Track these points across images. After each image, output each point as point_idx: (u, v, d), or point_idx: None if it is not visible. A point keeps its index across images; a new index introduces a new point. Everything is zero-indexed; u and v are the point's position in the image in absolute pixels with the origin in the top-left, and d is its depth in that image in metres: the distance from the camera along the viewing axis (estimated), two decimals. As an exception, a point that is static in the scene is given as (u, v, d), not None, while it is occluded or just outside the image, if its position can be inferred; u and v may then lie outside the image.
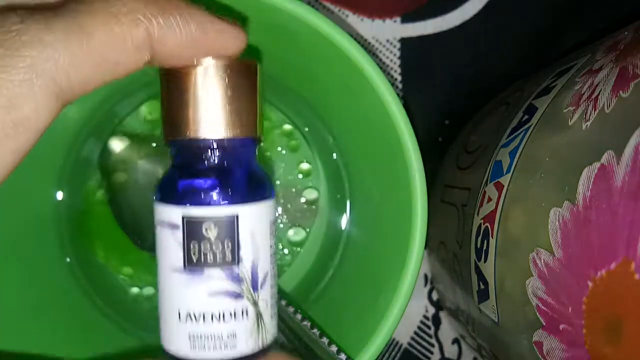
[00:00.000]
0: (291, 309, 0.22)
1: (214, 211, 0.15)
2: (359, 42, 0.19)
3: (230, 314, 0.16)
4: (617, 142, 0.16)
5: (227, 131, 0.16)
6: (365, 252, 0.25)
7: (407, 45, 0.33)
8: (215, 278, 0.15)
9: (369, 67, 0.19)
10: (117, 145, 0.26)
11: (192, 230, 0.15)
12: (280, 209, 0.28)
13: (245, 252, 0.16)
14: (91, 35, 0.13)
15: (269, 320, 0.17)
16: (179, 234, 0.15)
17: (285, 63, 0.23)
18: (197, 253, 0.15)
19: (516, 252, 0.20)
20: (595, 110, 0.18)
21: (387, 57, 0.33)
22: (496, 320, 0.22)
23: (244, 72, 0.16)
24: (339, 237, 0.27)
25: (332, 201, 0.28)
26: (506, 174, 0.21)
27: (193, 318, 0.15)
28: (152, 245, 0.17)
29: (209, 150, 0.16)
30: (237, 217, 0.15)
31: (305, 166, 0.28)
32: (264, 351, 0.16)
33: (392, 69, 0.33)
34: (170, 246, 0.16)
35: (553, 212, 0.18)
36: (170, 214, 0.15)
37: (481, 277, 0.23)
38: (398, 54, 0.33)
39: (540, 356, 0.19)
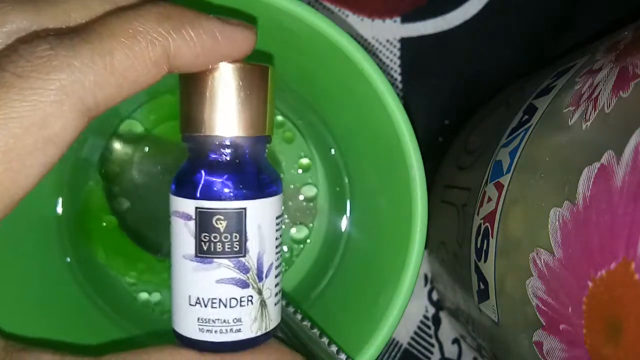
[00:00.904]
0: (291, 309, 0.22)
1: (225, 205, 0.16)
2: (359, 42, 0.19)
3: (236, 301, 0.17)
4: (617, 142, 0.16)
5: (238, 130, 0.17)
6: (365, 252, 0.25)
7: (407, 45, 0.33)
8: (224, 267, 0.17)
9: (369, 68, 0.19)
10: (117, 149, 0.26)
11: (204, 221, 0.16)
12: (284, 208, 0.28)
13: (252, 244, 0.17)
14: (113, 57, 0.14)
15: (272, 307, 0.18)
16: (192, 225, 0.17)
17: (284, 62, 0.23)
18: (207, 243, 0.16)
19: (516, 252, 0.20)
20: (595, 110, 0.18)
21: (387, 57, 0.33)
22: (496, 320, 0.22)
23: (256, 76, 0.17)
24: (339, 237, 0.27)
25: (331, 197, 0.28)
26: (506, 174, 0.21)
27: (202, 303, 0.17)
28: (169, 251, 0.18)
29: (222, 147, 0.17)
30: (245, 210, 0.17)
31: (304, 161, 0.28)
32: (266, 335, 0.18)
33: (392, 69, 0.33)
34: (183, 235, 0.17)
35: (553, 212, 0.18)
36: (184, 206, 0.17)
37: (481, 277, 0.23)
38: (398, 54, 0.33)
39: (540, 356, 0.19)
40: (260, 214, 0.17)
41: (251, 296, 0.17)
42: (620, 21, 0.24)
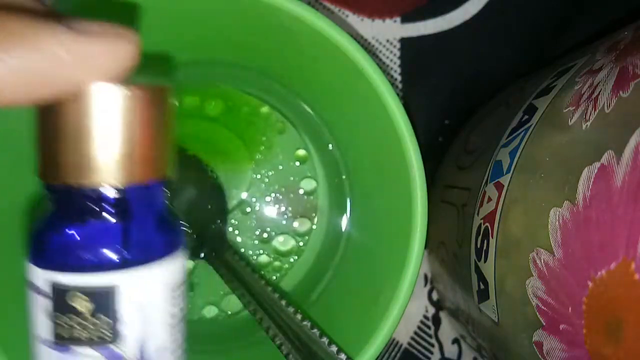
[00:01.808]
0: (291, 309, 0.22)
1: (87, 279, 0.12)
2: (359, 42, 0.19)
3: None
4: (617, 142, 0.16)
5: (117, 176, 0.12)
6: (365, 252, 0.25)
7: (407, 45, 0.33)
8: (90, 358, 0.13)
9: (369, 67, 0.19)
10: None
11: (60, 300, 0.13)
12: (285, 201, 0.28)
13: (130, 328, 0.13)
14: None
15: None
16: (48, 303, 0.13)
17: (284, 63, 0.23)
18: (66, 327, 0.13)
19: (516, 252, 0.20)
20: (595, 110, 0.18)
21: (387, 57, 0.33)
22: (496, 320, 0.22)
23: (143, 102, 0.12)
24: (339, 236, 0.27)
25: (331, 193, 0.28)
26: (506, 174, 0.21)
27: None
28: (196, 251, 0.14)
29: (94, 201, 0.13)
30: (116, 287, 0.13)
31: (301, 152, 0.28)
32: None
33: (392, 69, 0.33)
34: (38, 314, 0.13)
35: (553, 212, 0.18)
36: (37, 278, 0.13)
37: (481, 277, 0.23)
38: (398, 54, 0.33)
39: (540, 356, 0.19)
40: (143, 289, 0.13)
41: None
42: (620, 21, 0.24)
